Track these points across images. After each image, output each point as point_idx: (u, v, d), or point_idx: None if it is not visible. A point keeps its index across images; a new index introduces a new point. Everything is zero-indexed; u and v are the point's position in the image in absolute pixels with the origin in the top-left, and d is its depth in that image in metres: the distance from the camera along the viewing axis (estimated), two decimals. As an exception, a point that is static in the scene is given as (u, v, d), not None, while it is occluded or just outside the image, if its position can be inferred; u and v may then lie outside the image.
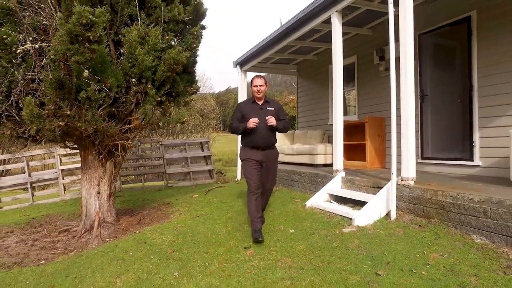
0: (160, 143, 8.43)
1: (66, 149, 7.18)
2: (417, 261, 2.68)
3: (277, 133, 3.82)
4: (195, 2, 4.35)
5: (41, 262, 3.43)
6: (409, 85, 3.72)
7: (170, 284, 2.71)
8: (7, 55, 3.27)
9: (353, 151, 6.56)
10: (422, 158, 5.52)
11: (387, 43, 3.94)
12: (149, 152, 10.35)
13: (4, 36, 3.18)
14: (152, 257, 3.26)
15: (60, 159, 7.38)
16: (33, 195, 7.09)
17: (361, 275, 2.55)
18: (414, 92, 3.85)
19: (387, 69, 5.92)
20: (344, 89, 7.99)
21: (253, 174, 3.62)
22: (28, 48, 3.05)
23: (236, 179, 8.27)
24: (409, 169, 3.71)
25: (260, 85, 3.67)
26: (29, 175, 7.08)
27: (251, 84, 3.74)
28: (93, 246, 3.86)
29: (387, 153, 6.22)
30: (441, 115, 5.53)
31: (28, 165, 7.11)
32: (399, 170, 3.79)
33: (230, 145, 7.90)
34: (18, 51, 3.12)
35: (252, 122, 3.52)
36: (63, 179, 7.32)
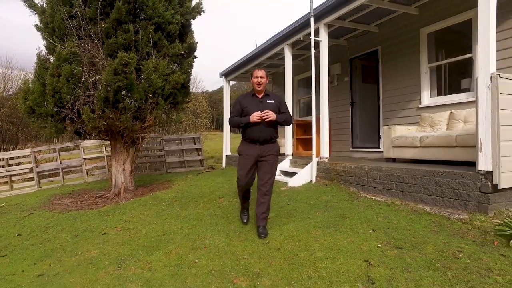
0: (161, 138, 10.51)
1: (88, 143, 9.25)
2: (312, 199, 4.84)
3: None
4: (190, 41, 6.46)
5: (94, 209, 5.54)
6: (324, 99, 5.88)
7: (175, 213, 4.83)
8: (74, 81, 5.35)
9: (308, 143, 8.70)
10: (353, 147, 7.71)
11: (332, 63, 6.05)
12: (147, 145, 12.36)
13: (73, 70, 5.26)
14: (163, 204, 5.39)
15: (83, 151, 9.43)
16: (63, 178, 9.14)
17: (279, 205, 4.70)
18: (350, 100, 6.00)
19: (332, 82, 8.10)
20: (310, 95, 10.16)
21: (245, 169, 3.59)
22: (93, 79, 5.13)
23: (222, 167, 10.39)
24: (324, 152, 5.89)
25: (260, 77, 3.55)
26: (61, 163, 9.13)
27: (251, 76, 3.63)
28: (123, 202, 5.97)
29: (333, 144, 8.40)
30: (365, 116, 7.71)
31: (59, 154, 9.16)
32: (318, 153, 5.97)
33: (222, 143, 9.65)
34: (83, 79, 5.21)
35: (256, 116, 3.39)
36: (86, 166, 9.38)
